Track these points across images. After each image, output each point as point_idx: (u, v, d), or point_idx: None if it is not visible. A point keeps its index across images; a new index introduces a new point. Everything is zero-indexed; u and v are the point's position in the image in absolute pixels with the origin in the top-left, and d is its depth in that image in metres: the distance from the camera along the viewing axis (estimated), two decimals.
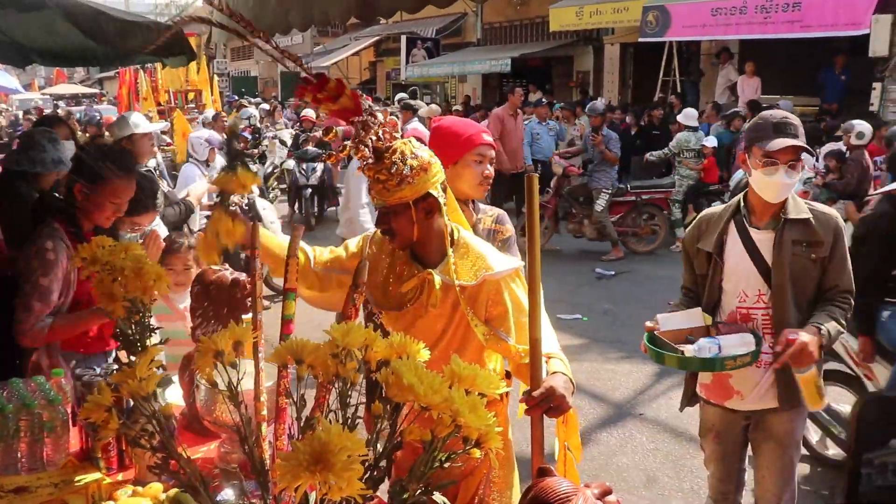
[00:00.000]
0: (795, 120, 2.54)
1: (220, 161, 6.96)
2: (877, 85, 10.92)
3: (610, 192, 8.81)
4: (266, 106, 17.23)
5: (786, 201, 2.56)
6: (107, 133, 9.91)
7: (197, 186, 6.00)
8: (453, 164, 2.48)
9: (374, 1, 2.74)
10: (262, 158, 11.94)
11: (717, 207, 2.81)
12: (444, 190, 2.01)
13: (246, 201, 7.23)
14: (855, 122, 8.25)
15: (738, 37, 12.45)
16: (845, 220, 8.17)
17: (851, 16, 10.01)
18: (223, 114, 12.47)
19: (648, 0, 12.67)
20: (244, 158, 9.24)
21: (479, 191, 2.53)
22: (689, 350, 2.53)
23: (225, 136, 8.63)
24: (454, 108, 16.41)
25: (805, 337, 2.38)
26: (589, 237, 9.09)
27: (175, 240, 3.23)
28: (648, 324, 2.63)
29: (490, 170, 2.54)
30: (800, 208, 2.57)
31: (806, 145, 2.51)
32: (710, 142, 9.64)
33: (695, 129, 9.76)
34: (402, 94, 14.92)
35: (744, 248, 2.60)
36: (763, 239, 2.58)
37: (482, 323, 1.99)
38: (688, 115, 9.87)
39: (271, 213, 7.52)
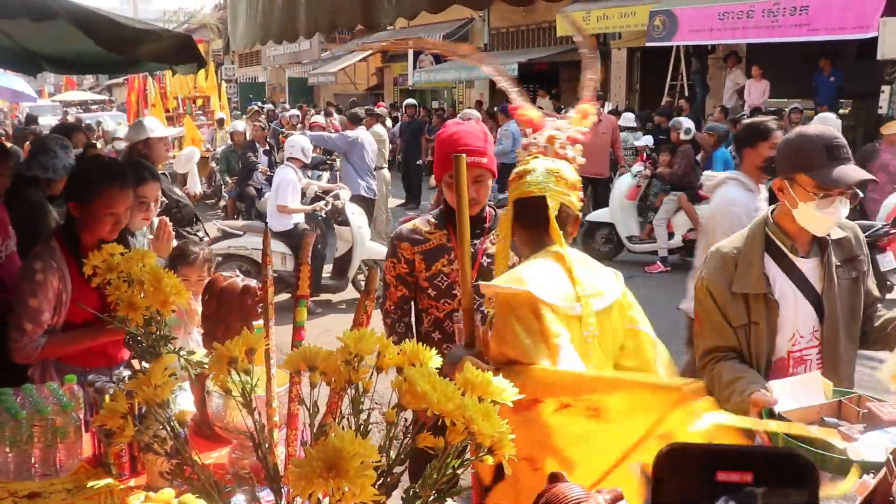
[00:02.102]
0: (841, 136, 2.18)
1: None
2: (885, 88, 10.90)
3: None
4: (296, 112, 16.96)
5: None
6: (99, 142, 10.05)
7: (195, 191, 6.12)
8: (440, 180, 2.60)
9: (377, 8, 2.78)
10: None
11: (728, 242, 2.36)
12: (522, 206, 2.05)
13: (330, 207, 7.34)
14: (682, 119, 9.49)
15: (746, 41, 12.44)
16: (678, 210, 8.51)
17: (859, 19, 10.00)
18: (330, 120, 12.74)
19: (655, 4, 12.68)
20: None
21: (470, 210, 2.46)
22: (856, 451, 1.77)
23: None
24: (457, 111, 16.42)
25: None
26: None
27: (191, 250, 3.17)
28: (759, 396, 1.98)
29: (473, 189, 2.52)
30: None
31: (863, 170, 2.15)
32: (642, 141, 10.55)
33: (633, 130, 10.96)
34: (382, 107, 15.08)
35: (791, 282, 2.24)
36: (810, 268, 2.25)
37: None
38: (626, 118, 11.16)
39: (360, 217, 7.57)
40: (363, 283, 7.67)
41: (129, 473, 2.08)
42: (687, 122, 9.37)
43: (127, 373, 2.24)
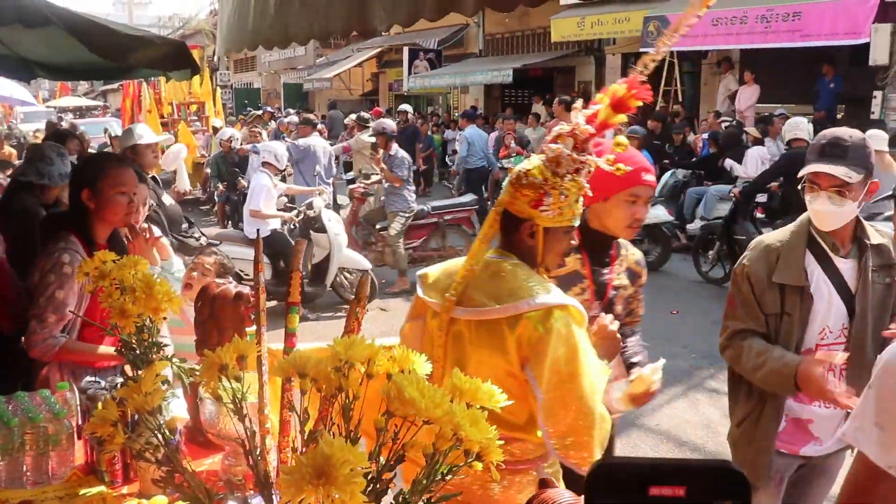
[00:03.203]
0: (852, 139, 2.27)
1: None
2: (877, 93, 10.98)
3: (406, 215, 8.11)
4: (295, 118, 16.89)
5: (862, 226, 2.37)
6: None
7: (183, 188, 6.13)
8: (604, 199, 2.29)
9: (369, 16, 2.80)
10: None
11: (773, 235, 2.49)
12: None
13: (313, 212, 7.33)
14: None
15: (739, 46, 12.52)
16: None
17: (851, 25, 10.08)
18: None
19: (649, 10, 12.75)
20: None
21: (628, 233, 2.34)
22: None
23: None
24: (454, 117, 16.46)
25: None
26: (391, 266, 8.24)
27: (212, 249, 3.52)
28: (821, 355, 2.19)
29: (643, 211, 2.32)
30: (873, 232, 2.38)
31: (847, 169, 2.22)
32: None
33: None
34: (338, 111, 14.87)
35: (828, 279, 2.35)
36: (847, 268, 2.36)
37: None
38: None
39: (337, 224, 7.53)
40: (342, 290, 7.67)
41: (122, 481, 2.08)
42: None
43: (119, 379, 2.24)
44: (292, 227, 7.51)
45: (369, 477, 1.00)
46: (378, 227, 8.34)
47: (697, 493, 0.64)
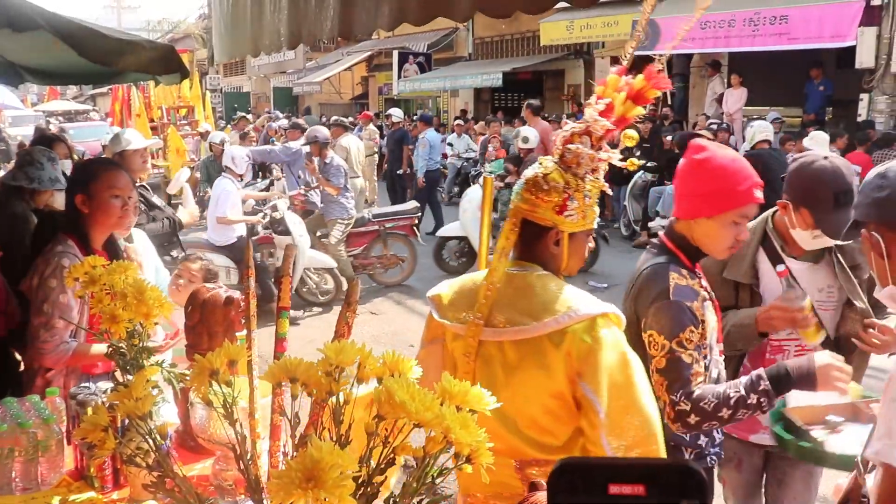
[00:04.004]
0: (853, 179, 2.23)
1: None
2: (864, 96, 11.07)
3: (346, 222, 8.03)
4: (285, 122, 16.74)
5: None
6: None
7: (190, 209, 6.03)
8: (709, 216, 2.07)
9: (353, 21, 2.82)
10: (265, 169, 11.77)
11: None
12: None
13: (278, 214, 7.31)
14: (522, 128, 10.13)
15: (727, 49, 12.60)
16: None
17: (837, 28, 10.18)
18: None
19: (638, 14, 12.80)
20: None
21: (726, 254, 2.16)
22: (834, 444, 2.03)
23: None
24: (456, 120, 16.45)
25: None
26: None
27: (196, 256, 3.55)
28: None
29: (745, 232, 2.13)
30: None
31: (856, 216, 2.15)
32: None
33: None
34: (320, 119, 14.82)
35: (779, 279, 2.38)
36: (801, 269, 2.39)
37: None
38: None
39: (300, 226, 7.52)
40: (305, 292, 7.68)
41: (112, 486, 2.06)
42: (525, 131, 9.44)
43: (109, 385, 2.23)
44: (258, 229, 7.52)
45: (359, 481, 1.01)
46: (318, 234, 8.22)
47: (657, 491, 0.64)
